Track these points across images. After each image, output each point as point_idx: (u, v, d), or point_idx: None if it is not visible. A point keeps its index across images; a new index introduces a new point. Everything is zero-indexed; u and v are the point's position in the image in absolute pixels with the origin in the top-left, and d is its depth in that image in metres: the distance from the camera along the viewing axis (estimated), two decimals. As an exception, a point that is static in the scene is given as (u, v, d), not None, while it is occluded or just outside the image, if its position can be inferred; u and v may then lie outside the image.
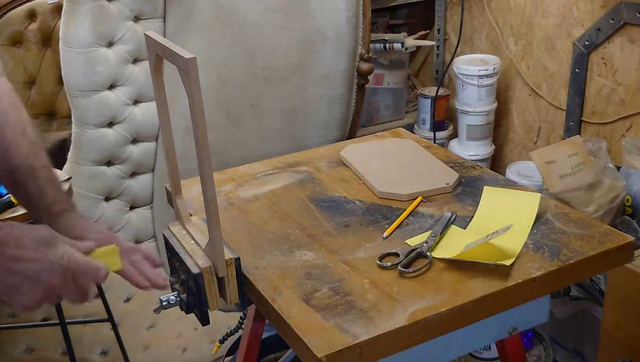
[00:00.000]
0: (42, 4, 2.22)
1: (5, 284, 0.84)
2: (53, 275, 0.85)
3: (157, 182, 2.12)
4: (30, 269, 0.84)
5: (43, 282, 0.85)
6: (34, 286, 0.84)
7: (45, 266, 0.85)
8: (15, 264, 0.83)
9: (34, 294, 0.85)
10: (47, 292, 0.86)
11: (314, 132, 1.94)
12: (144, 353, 2.12)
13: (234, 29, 1.89)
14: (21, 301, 0.85)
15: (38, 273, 0.84)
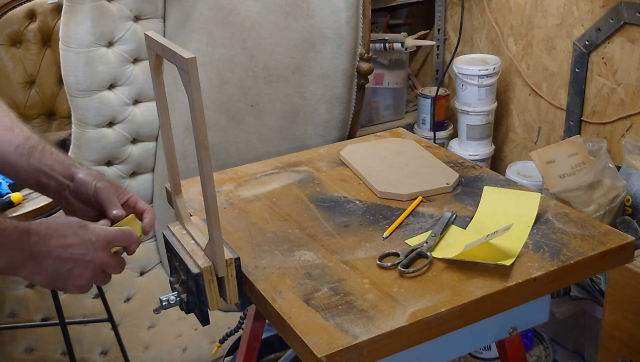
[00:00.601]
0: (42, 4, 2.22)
1: (59, 273, 0.92)
2: (97, 252, 0.94)
3: (157, 182, 2.12)
4: (77, 253, 0.92)
5: (91, 262, 0.94)
6: (84, 267, 0.93)
7: (89, 247, 0.93)
8: (62, 252, 0.91)
9: (85, 275, 0.94)
10: (97, 270, 0.95)
11: (314, 132, 1.94)
12: (144, 353, 2.12)
13: (234, 29, 1.89)
14: (75, 283, 0.94)
15: (84, 254, 0.93)
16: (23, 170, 1.07)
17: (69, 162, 1.09)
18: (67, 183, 1.07)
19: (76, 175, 1.08)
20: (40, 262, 0.90)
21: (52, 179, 1.07)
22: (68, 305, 2.01)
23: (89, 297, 2.07)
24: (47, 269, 0.91)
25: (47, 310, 2.00)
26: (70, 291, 0.95)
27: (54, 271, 0.92)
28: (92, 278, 0.95)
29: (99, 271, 0.96)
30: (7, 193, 1.60)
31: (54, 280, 0.93)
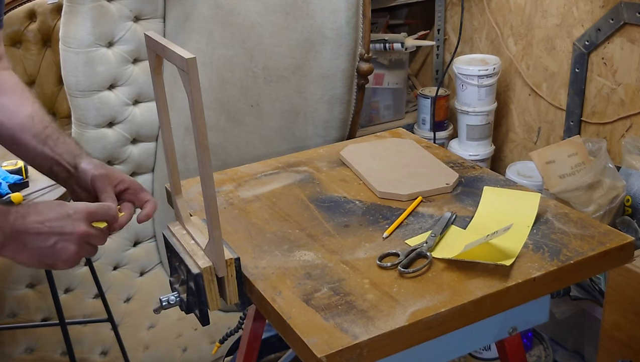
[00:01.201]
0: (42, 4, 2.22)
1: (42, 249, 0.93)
2: (77, 223, 0.95)
3: (157, 182, 2.12)
4: (56, 226, 0.94)
5: (72, 234, 0.94)
6: (66, 240, 0.94)
7: (66, 219, 0.95)
8: (41, 227, 0.93)
9: (69, 248, 0.95)
10: (79, 241, 0.95)
11: (314, 132, 1.94)
12: (144, 353, 2.12)
13: (234, 29, 1.89)
14: (62, 257, 0.95)
15: (63, 227, 0.94)
16: (38, 157, 1.12)
17: (77, 152, 1.13)
18: (73, 172, 1.11)
19: (79, 165, 1.11)
20: (22, 240, 0.92)
21: (62, 168, 1.12)
22: (68, 305, 2.01)
23: (89, 297, 2.07)
24: (30, 246, 0.93)
25: (47, 310, 2.00)
26: (59, 266, 0.96)
27: (37, 247, 0.93)
28: (77, 251, 0.95)
29: (82, 242, 0.96)
30: (7, 193, 1.60)
31: (39, 256, 0.94)
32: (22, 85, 1.18)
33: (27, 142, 1.12)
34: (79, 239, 0.95)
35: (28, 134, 1.11)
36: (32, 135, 1.11)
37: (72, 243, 0.94)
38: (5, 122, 1.12)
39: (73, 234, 0.95)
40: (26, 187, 1.66)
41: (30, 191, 1.64)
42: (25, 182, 1.66)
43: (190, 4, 1.95)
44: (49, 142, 1.11)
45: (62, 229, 0.94)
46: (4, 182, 1.62)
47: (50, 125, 1.13)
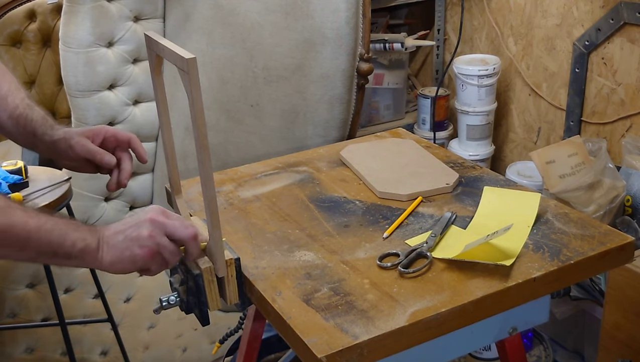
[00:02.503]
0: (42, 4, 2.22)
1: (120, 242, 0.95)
2: (148, 212, 0.97)
3: (157, 182, 2.12)
4: (130, 221, 0.97)
5: (143, 221, 0.96)
6: (139, 226, 0.96)
7: (139, 214, 0.98)
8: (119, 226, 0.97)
9: (142, 232, 0.95)
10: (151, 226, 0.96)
11: (314, 132, 1.94)
12: (144, 353, 2.12)
13: (234, 29, 1.89)
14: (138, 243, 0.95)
15: (136, 218, 0.97)
16: (19, 137, 1.18)
17: (48, 124, 1.17)
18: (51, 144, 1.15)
19: (53, 138, 1.15)
20: (108, 240, 0.95)
21: (41, 142, 1.16)
22: (68, 305, 2.01)
23: (89, 297, 2.07)
24: (114, 244, 0.95)
25: (47, 310, 2.00)
26: (140, 256, 0.95)
27: (116, 242, 0.95)
28: (151, 236, 0.95)
29: (154, 228, 0.95)
30: (7, 193, 1.59)
31: (120, 251, 0.95)
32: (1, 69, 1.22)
33: (3, 123, 1.16)
34: (150, 222, 0.96)
35: (4, 115, 1.16)
36: (7, 116, 1.16)
37: (144, 228, 0.95)
38: None
39: (144, 220, 0.96)
40: (26, 187, 1.66)
41: (30, 191, 1.63)
42: (25, 182, 1.66)
43: (190, 4, 1.95)
44: (20, 121, 1.16)
45: (136, 220, 0.97)
46: (4, 182, 1.62)
47: (21, 104, 1.17)
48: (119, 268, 0.96)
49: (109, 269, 0.96)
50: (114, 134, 1.18)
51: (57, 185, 1.67)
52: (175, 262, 0.99)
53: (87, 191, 2.03)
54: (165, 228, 0.96)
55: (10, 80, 1.20)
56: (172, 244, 0.97)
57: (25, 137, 1.17)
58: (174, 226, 0.96)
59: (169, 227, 0.96)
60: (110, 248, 0.95)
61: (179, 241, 0.97)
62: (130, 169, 1.20)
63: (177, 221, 0.97)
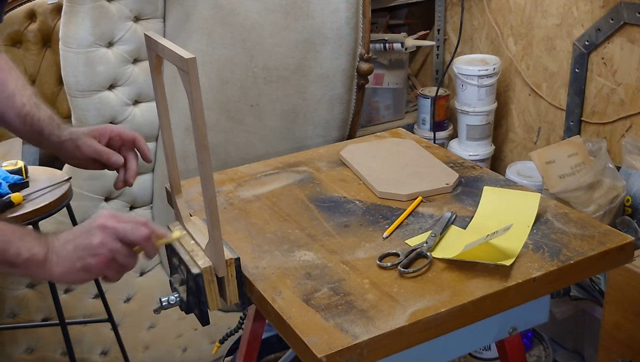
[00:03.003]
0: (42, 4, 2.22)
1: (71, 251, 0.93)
2: (98, 218, 0.95)
3: (157, 182, 2.12)
4: (80, 228, 0.95)
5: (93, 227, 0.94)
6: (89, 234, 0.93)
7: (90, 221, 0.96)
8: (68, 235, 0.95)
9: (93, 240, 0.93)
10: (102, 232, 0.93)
11: (314, 132, 1.94)
12: (144, 353, 2.12)
13: (234, 29, 1.89)
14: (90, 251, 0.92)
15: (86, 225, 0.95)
16: (26, 135, 1.19)
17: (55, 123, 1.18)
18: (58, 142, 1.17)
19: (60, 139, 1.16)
20: (57, 251, 0.92)
21: (47, 141, 1.17)
22: (68, 305, 2.01)
23: (89, 297, 2.07)
24: (64, 255, 0.92)
25: (47, 310, 2.00)
26: (94, 266, 0.92)
27: (66, 251, 0.92)
28: (102, 243, 0.92)
29: (105, 234, 0.93)
30: (7, 193, 1.59)
31: (71, 262, 0.92)
32: (8, 66, 1.23)
33: (11, 121, 1.18)
34: (100, 228, 0.93)
35: (11, 113, 1.17)
36: (14, 115, 1.17)
37: (95, 236, 0.93)
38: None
39: (92, 227, 0.94)
40: (26, 187, 1.66)
41: (30, 191, 1.64)
42: (25, 182, 1.66)
43: (190, 4, 1.95)
44: (27, 120, 1.17)
45: (85, 228, 0.95)
46: (4, 182, 1.62)
47: (28, 103, 1.18)
48: (71, 279, 0.93)
49: (60, 280, 0.93)
50: (119, 133, 1.19)
51: (57, 185, 1.67)
52: (134, 265, 0.97)
53: (87, 191, 2.03)
54: (116, 232, 0.94)
55: (16, 78, 1.21)
56: (126, 248, 0.95)
57: (32, 135, 1.19)
58: (125, 229, 0.94)
59: (120, 231, 0.94)
60: (61, 259, 0.92)
61: (133, 243, 0.95)
62: (136, 167, 1.20)
63: (129, 224, 0.95)
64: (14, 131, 1.22)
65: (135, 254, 0.97)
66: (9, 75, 1.21)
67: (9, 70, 1.22)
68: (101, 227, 0.94)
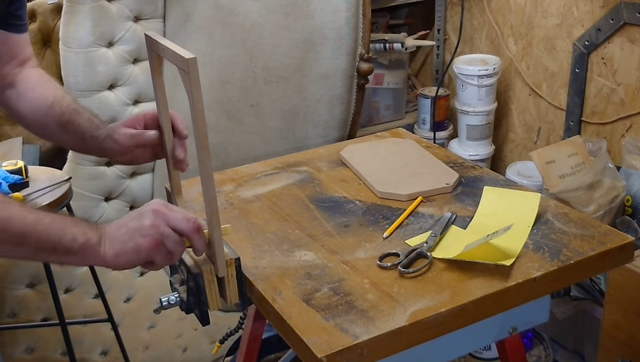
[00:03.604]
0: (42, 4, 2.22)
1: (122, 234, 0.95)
2: (150, 204, 0.97)
3: (157, 182, 2.12)
4: (132, 214, 0.98)
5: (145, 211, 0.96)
6: (141, 217, 0.95)
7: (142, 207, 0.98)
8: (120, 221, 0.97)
9: (144, 222, 0.95)
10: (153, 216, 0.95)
11: (314, 132, 1.94)
12: (144, 353, 2.12)
13: (234, 29, 1.89)
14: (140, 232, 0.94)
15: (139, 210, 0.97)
16: (72, 143, 1.20)
17: (94, 125, 1.18)
18: (99, 144, 1.16)
19: (99, 139, 1.16)
20: (110, 235, 0.94)
21: (90, 146, 1.17)
22: (68, 305, 2.01)
23: (89, 297, 2.07)
24: (116, 238, 0.94)
25: (47, 310, 2.00)
26: (143, 247, 0.94)
27: (121, 235, 0.94)
28: (154, 225, 0.94)
29: (156, 218, 0.95)
30: (7, 193, 1.60)
31: (123, 243, 0.94)
32: (46, 78, 1.24)
33: (54, 131, 1.19)
34: (153, 212, 0.95)
35: (53, 124, 1.18)
36: (56, 125, 1.17)
37: (146, 218, 0.95)
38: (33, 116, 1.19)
39: (146, 211, 0.96)
40: (26, 187, 1.66)
41: (30, 191, 1.63)
42: (25, 182, 1.66)
43: (190, 4, 1.95)
44: (69, 127, 1.17)
45: (138, 212, 0.97)
46: (4, 182, 1.62)
47: (67, 110, 1.18)
48: (123, 261, 0.94)
49: (113, 263, 0.94)
50: (152, 116, 1.15)
51: (57, 185, 1.67)
52: (181, 253, 0.98)
53: (87, 191, 2.03)
54: (167, 219, 0.95)
55: (55, 88, 1.22)
56: (176, 234, 0.96)
57: (76, 142, 1.19)
58: (176, 217, 0.96)
59: (171, 218, 0.95)
60: (113, 241, 0.94)
61: (182, 233, 0.96)
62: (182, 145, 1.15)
63: (180, 214, 0.96)
64: (60, 142, 1.24)
65: (184, 243, 0.97)
66: (47, 86, 1.21)
67: (47, 81, 1.23)
68: (154, 211, 0.95)
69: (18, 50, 1.20)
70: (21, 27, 1.19)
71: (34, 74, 1.23)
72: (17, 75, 1.21)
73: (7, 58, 1.19)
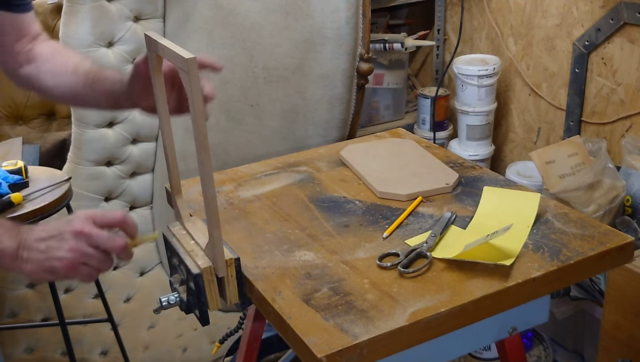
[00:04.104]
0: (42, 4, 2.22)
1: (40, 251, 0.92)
2: (72, 222, 0.94)
3: (157, 182, 2.12)
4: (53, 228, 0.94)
5: (64, 232, 0.93)
6: (60, 239, 0.92)
7: (64, 221, 0.95)
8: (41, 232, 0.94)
9: (63, 246, 0.92)
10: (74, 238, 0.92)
11: (314, 132, 1.94)
12: (144, 353, 2.12)
13: (234, 29, 1.89)
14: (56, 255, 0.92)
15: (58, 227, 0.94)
16: (102, 102, 1.17)
17: (119, 76, 1.14)
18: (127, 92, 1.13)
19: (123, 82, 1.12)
20: (28, 247, 0.92)
21: (120, 97, 1.13)
22: (68, 305, 2.01)
23: (89, 297, 2.07)
24: (34, 254, 0.92)
25: (47, 310, 2.00)
26: (59, 270, 0.92)
27: (36, 251, 0.92)
28: (72, 249, 0.92)
29: (77, 241, 0.92)
30: (7, 193, 1.59)
31: (39, 262, 0.92)
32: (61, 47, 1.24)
33: (83, 95, 1.16)
34: (73, 235, 0.93)
35: (78, 86, 1.15)
36: (82, 85, 1.15)
37: (66, 241, 0.92)
38: (57, 85, 1.18)
39: (65, 231, 0.93)
40: (26, 187, 1.66)
41: (30, 191, 1.64)
42: (25, 182, 1.66)
43: (190, 4, 1.95)
44: (96, 84, 1.15)
45: (58, 230, 0.93)
46: (4, 182, 1.62)
47: (91, 69, 1.16)
48: (39, 278, 0.94)
49: (30, 277, 0.94)
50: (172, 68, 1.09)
51: (57, 185, 1.67)
52: (110, 267, 0.97)
53: (87, 191, 2.03)
54: (90, 240, 0.94)
55: (73, 54, 1.22)
56: (100, 253, 0.94)
57: (105, 98, 1.16)
58: (100, 237, 0.94)
59: (94, 239, 0.94)
60: (31, 254, 0.92)
61: (107, 251, 0.95)
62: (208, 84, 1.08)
63: (103, 233, 0.94)
64: (89, 104, 1.21)
65: (111, 258, 0.96)
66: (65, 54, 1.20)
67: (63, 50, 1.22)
68: (75, 233, 0.93)
69: (26, 28, 1.19)
70: (25, 6, 1.18)
71: (48, 46, 1.22)
72: (31, 51, 1.20)
73: (16, 37, 1.18)
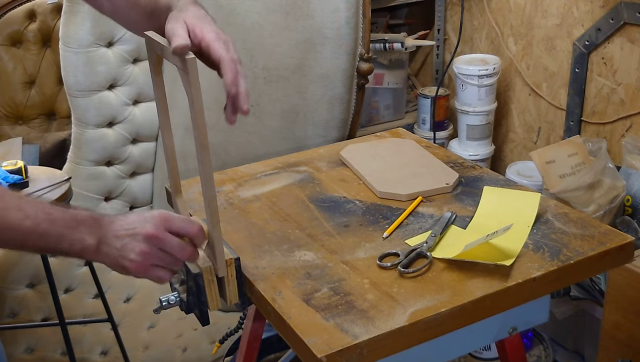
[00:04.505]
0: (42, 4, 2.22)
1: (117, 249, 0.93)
2: (148, 224, 0.94)
3: (157, 182, 2.12)
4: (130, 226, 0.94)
5: (139, 234, 0.93)
6: (135, 239, 0.93)
7: (142, 221, 0.95)
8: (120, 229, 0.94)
9: (136, 247, 0.93)
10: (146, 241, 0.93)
11: (314, 132, 1.94)
12: (144, 353, 2.12)
13: (234, 29, 1.89)
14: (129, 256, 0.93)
15: (135, 227, 0.94)
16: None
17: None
18: None
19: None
20: (108, 243, 0.93)
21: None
22: (68, 305, 2.01)
23: (89, 297, 2.07)
24: (111, 250, 0.93)
25: (47, 310, 2.00)
26: (131, 268, 0.94)
27: (113, 248, 0.93)
28: (143, 251, 0.93)
29: (150, 244, 0.93)
30: (7, 193, 1.59)
31: (114, 258, 0.94)
32: None
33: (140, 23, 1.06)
34: (145, 238, 0.93)
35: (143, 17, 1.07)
36: (147, 17, 1.06)
37: (138, 242, 0.93)
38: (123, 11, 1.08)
39: (140, 233, 0.93)
40: (26, 187, 1.65)
41: (30, 191, 1.63)
42: (25, 182, 1.66)
43: (190, 4, 1.95)
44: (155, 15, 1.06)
45: (134, 230, 0.94)
46: (4, 182, 1.62)
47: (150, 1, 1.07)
48: (116, 271, 0.96)
49: (110, 267, 0.96)
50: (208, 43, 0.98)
51: (57, 185, 1.67)
52: (179, 269, 0.99)
53: (87, 191, 2.03)
54: (161, 245, 0.95)
55: None
56: (170, 257, 0.96)
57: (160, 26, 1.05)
58: (171, 245, 0.95)
59: (166, 245, 0.95)
60: (108, 251, 0.94)
61: (177, 258, 0.97)
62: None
63: (175, 241, 0.95)
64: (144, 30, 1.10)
65: (180, 261, 0.98)
66: None
67: None
68: (147, 237, 0.94)
69: None
70: None
71: None
72: None
73: None
